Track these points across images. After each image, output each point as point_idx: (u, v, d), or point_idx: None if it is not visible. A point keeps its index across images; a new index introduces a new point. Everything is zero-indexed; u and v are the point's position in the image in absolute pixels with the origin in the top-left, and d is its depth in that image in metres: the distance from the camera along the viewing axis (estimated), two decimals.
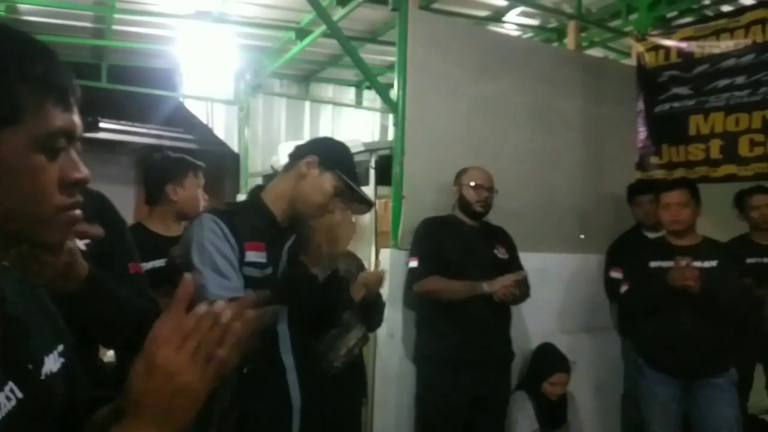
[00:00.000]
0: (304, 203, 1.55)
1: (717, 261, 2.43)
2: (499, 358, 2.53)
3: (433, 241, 2.52)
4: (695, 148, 3.27)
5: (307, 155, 1.55)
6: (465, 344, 2.40)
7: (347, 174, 1.55)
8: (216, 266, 1.38)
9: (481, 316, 2.41)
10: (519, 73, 3.19)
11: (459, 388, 2.40)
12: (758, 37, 3.05)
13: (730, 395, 2.42)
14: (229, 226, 1.42)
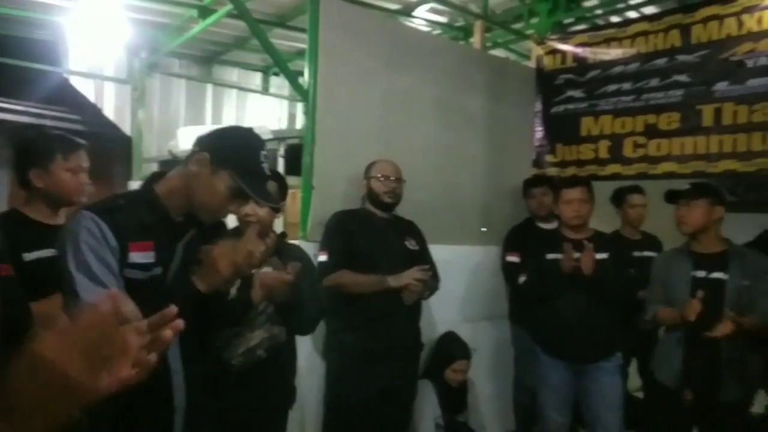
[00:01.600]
0: (198, 205, 1.39)
1: (607, 253, 2.62)
2: (408, 348, 2.57)
3: (343, 235, 2.50)
4: (586, 148, 3.52)
5: (199, 151, 1.38)
6: (375, 336, 2.41)
7: (247, 172, 1.37)
8: (91, 272, 1.23)
9: (391, 307, 2.42)
10: (428, 68, 3.24)
11: (369, 380, 2.41)
12: (642, 47, 3.32)
13: (616, 377, 2.62)
14: (110, 226, 1.26)
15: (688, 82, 3.11)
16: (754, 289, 2.25)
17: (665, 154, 3.17)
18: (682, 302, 2.31)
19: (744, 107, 2.89)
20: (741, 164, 2.90)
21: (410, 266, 2.46)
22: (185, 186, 1.38)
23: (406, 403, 2.63)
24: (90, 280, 1.22)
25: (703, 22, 3.07)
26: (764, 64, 2.85)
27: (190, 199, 1.39)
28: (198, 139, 1.44)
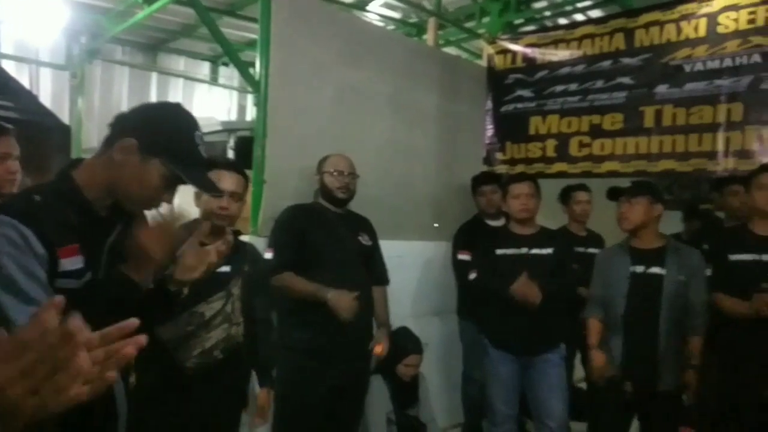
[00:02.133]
0: (127, 197, 1.22)
1: (552, 249, 2.69)
2: (361, 345, 2.56)
3: (293, 231, 2.44)
4: (534, 147, 3.61)
5: (123, 136, 1.18)
6: (328, 333, 2.38)
7: (182, 159, 1.20)
8: (18, 290, 1.03)
9: None
10: (382, 63, 3.23)
11: (322, 378, 2.38)
12: (588, 50, 3.43)
13: (561, 368, 2.70)
14: (34, 231, 1.07)
15: (631, 85, 3.23)
16: (688, 283, 2.37)
17: (609, 154, 3.29)
18: (621, 296, 2.41)
19: (682, 110, 3.03)
20: (679, 164, 3.04)
21: (363, 262, 2.45)
22: (109, 176, 1.20)
23: (358, 399, 2.62)
24: (20, 301, 1.03)
25: (645, 27, 3.20)
26: (700, 69, 2.99)
27: (115, 190, 1.21)
28: (118, 119, 1.24)
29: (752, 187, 2.34)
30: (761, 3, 2.80)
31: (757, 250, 2.31)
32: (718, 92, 2.92)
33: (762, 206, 2.30)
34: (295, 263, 2.38)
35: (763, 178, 2.30)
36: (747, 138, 2.83)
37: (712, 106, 2.94)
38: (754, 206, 2.37)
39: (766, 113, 2.77)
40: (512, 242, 2.71)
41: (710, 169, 2.95)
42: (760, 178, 2.31)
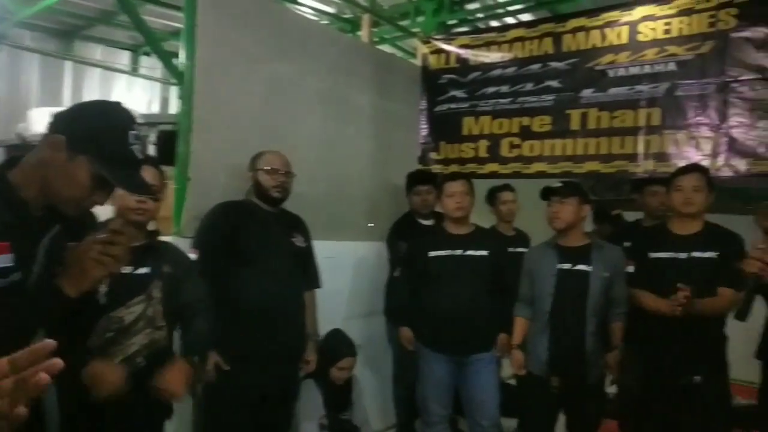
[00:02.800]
0: (56, 197, 1.18)
1: (488, 251, 2.71)
2: (291, 349, 2.47)
3: (220, 230, 2.32)
4: (467, 147, 3.64)
5: (53, 133, 1.15)
6: (257, 337, 2.27)
7: (111, 157, 1.16)
8: None
9: (273, 307, 2.31)
10: (316, 58, 3.15)
11: (251, 384, 2.28)
12: (519, 52, 3.50)
13: (494, 367, 2.74)
14: None
15: (559, 88, 3.32)
16: (612, 279, 2.46)
17: (538, 155, 3.37)
18: (548, 293, 2.47)
19: (606, 113, 3.15)
20: (603, 165, 3.16)
21: (297, 264, 2.36)
22: (41, 175, 1.16)
23: (289, 404, 2.53)
24: None
25: (572, 32, 3.30)
26: (623, 75, 3.12)
27: (47, 189, 1.17)
28: (53, 117, 1.21)
29: (671, 189, 2.45)
30: (676, 15, 2.96)
31: (674, 248, 2.41)
32: (639, 97, 3.05)
33: (678, 207, 2.41)
34: (223, 266, 2.26)
35: (679, 180, 2.41)
36: (664, 141, 2.98)
37: (633, 110, 3.07)
38: (672, 207, 2.48)
39: (681, 118, 2.93)
40: (447, 243, 2.70)
41: (631, 170, 3.08)
42: (677, 181, 2.42)
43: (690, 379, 2.33)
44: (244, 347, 2.28)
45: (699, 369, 2.33)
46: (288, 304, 2.37)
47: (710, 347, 2.35)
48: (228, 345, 2.28)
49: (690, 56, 2.90)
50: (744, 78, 2.73)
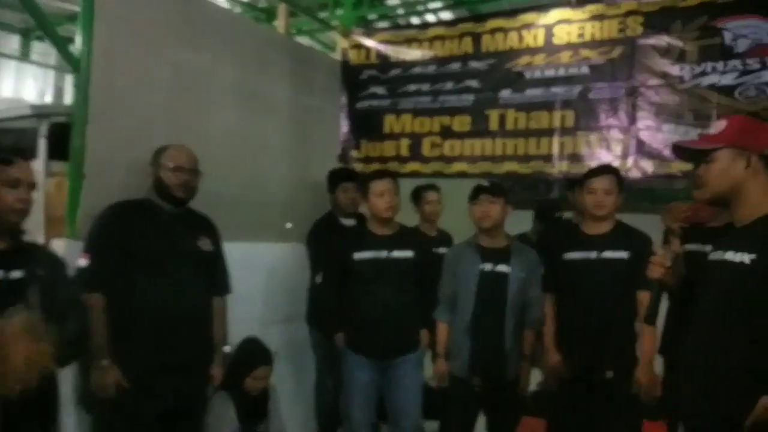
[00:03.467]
0: None
1: (413, 252, 2.66)
2: (197, 359, 2.28)
3: (115, 233, 2.10)
4: (388, 145, 3.58)
5: None
6: (158, 347, 2.08)
7: None
8: None
9: (176, 314, 2.13)
10: (228, 48, 2.96)
11: (151, 399, 2.08)
12: (439, 51, 3.48)
13: (419, 369, 2.71)
14: None
15: (478, 88, 3.34)
16: (528, 280, 2.51)
17: (458, 155, 3.37)
18: (470, 293, 2.48)
19: (523, 114, 3.19)
20: (520, 166, 3.20)
21: (203, 270, 2.20)
22: None
23: (196, 420, 2.34)
24: None
25: (491, 32, 3.32)
26: (539, 77, 3.18)
27: None
28: None
29: (583, 191, 2.51)
30: (588, 20, 3.05)
31: (586, 248, 2.48)
32: (554, 99, 3.12)
33: (591, 209, 2.47)
34: (118, 273, 2.04)
35: (592, 182, 2.46)
36: (578, 143, 3.06)
37: (549, 112, 3.13)
38: (583, 208, 2.55)
39: (594, 120, 3.02)
40: (372, 244, 2.62)
41: (547, 171, 3.15)
42: (589, 183, 2.47)
43: (603, 374, 2.40)
44: (144, 361, 2.08)
45: (611, 366, 2.41)
46: (192, 312, 2.19)
47: (621, 346, 2.44)
48: (127, 359, 2.07)
49: (601, 60, 2.99)
50: (650, 83, 2.86)
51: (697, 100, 2.74)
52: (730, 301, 1.44)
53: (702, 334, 1.50)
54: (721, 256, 1.49)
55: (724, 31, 2.68)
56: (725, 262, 1.46)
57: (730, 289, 1.44)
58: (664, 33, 2.83)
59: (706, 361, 1.47)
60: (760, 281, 1.36)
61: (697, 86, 2.74)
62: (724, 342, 1.43)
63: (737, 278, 1.42)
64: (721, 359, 1.43)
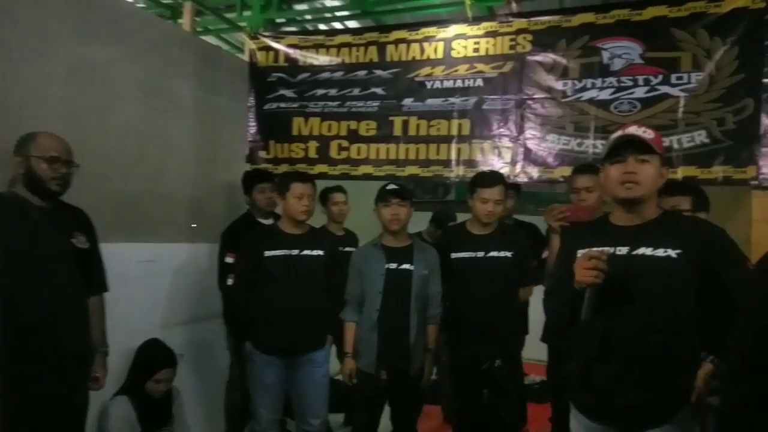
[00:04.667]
0: None
1: (323, 251, 2.74)
2: (70, 364, 2.07)
3: None
4: (297, 147, 3.63)
5: None
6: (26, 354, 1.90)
7: None
8: None
9: (50, 311, 1.96)
10: (130, 43, 2.88)
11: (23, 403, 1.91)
12: (346, 58, 3.59)
13: (326, 366, 2.78)
14: None
15: (383, 95, 3.48)
16: (429, 277, 2.66)
17: (364, 158, 3.49)
18: (377, 292, 2.60)
19: (424, 122, 3.38)
20: (422, 170, 3.39)
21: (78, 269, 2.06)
22: None
23: (76, 426, 2.16)
24: None
25: (395, 43, 3.48)
26: (438, 87, 3.37)
27: None
28: None
29: (474, 197, 2.66)
30: (483, 36, 3.29)
31: (473, 248, 2.68)
32: (452, 109, 3.33)
33: (481, 217, 2.64)
34: None
35: (483, 192, 2.62)
36: (473, 150, 3.29)
37: (447, 120, 3.34)
38: (474, 213, 2.71)
39: (487, 129, 3.26)
40: (283, 243, 2.66)
41: (446, 175, 3.35)
42: (482, 192, 2.62)
43: (493, 363, 2.61)
44: (17, 367, 1.89)
45: (498, 355, 2.62)
46: (66, 313, 2.02)
47: (507, 337, 2.68)
48: None
49: (494, 74, 3.24)
50: (537, 96, 3.14)
51: (578, 112, 3.04)
52: (661, 292, 1.58)
53: (637, 324, 1.60)
54: (639, 251, 1.62)
55: (602, 51, 2.99)
56: (647, 257, 1.61)
57: (661, 281, 1.58)
58: (550, 51, 3.11)
59: (649, 349, 1.58)
60: (686, 271, 1.55)
61: (578, 100, 3.04)
62: (664, 329, 1.57)
63: (667, 271, 1.58)
64: (663, 346, 1.57)
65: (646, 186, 1.63)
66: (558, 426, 2.81)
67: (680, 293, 1.58)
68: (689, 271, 1.56)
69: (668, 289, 1.58)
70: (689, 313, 1.57)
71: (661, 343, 1.58)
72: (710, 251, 1.57)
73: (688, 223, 1.68)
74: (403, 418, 2.74)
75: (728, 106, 2.73)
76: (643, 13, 2.92)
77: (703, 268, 1.55)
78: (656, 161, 1.64)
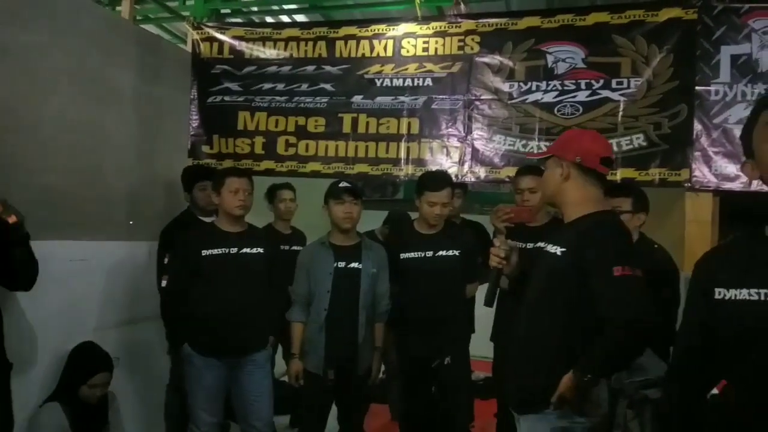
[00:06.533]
0: None
1: (262, 249, 2.66)
2: None
3: None
4: (242, 142, 3.53)
5: None
6: None
7: None
8: None
9: None
10: (64, 29, 2.71)
11: None
12: (294, 52, 3.52)
13: (268, 366, 2.73)
14: None
15: (332, 92, 3.44)
16: (378, 275, 2.65)
17: (313, 155, 3.43)
18: (325, 291, 2.56)
19: (374, 119, 3.36)
20: (371, 168, 3.37)
21: None
22: None
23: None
24: None
25: (344, 39, 3.44)
26: (388, 85, 3.36)
27: None
28: None
29: (422, 200, 2.68)
30: (432, 35, 3.31)
31: (422, 248, 2.70)
32: (402, 107, 3.33)
33: (429, 219, 2.66)
34: None
35: (431, 197, 2.62)
36: (422, 149, 3.30)
37: (397, 119, 3.33)
38: (422, 214, 2.72)
39: (436, 129, 3.28)
40: (222, 241, 2.58)
41: (395, 174, 3.35)
42: (429, 196, 2.63)
43: (442, 360, 2.64)
44: None
45: (447, 353, 2.65)
46: None
47: (456, 336, 2.72)
48: None
49: (443, 74, 3.27)
50: (484, 97, 3.19)
51: (524, 114, 3.10)
52: (544, 287, 1.67)
53: (522, 318, 1.72)
54: (543, 247, 1.73)
55: (547, 55, 3.07)
56: (544, 252, 1.70)
57: (545, 276, 1.67)
58: (497, 53, 3.17)
59: (525, 342, 1.68)
60: (567, 269, 1.60)
61: (524, 102, 3.10)
62: (538, 324, 1.65)
63: (551, 266, 1.66)
64: (535, 339, 1.65)
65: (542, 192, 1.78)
66: (503, 421, 2.87)
67: (559, 289, 1.62)
68: (571, 269, 1.59)
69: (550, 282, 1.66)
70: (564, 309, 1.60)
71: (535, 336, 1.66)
72: (584, 254, 1.57)
73: (581, 226, 1.67)
74: (350, 418, 2.72)
75: (664, 112, 2.86)
76: (586, 19, 3.01)
77: (578, 268, 1.57)
78: (552, 168, 1.72)
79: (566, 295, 1.59)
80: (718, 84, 2.77)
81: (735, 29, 2.75)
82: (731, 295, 1.13)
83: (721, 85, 2.76)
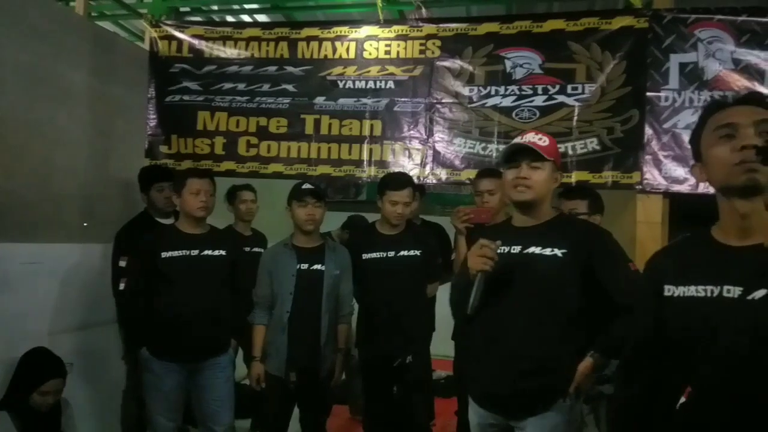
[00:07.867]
0: None
1: (225, 251, 2.64)
2: None
3: None
4: (202, 142, 3.48)
5: None
6: None
7: None
8: None
9: None
10: (12, 23, 2.62)
11: None
12: (255, 52, 3.48)
13: (229, 370, 2.69)
14: None
15: (294, 92, 3.42)
16: (341, 277, 2.65)
17: (274, 156, 3.41)
18: (287, 293, 2.55)
19: (336, 121, 3.36)
20: (334, 169, 3.37)
21: None
22: None
23: None
24: None
25: (306, 40, 3.43)
26: (350, 87, 3.37)
27: None
28: None
29: (383, 199, 2.70)
30: (394, 39, 3.34)
31: (383, 248, 2.73)
32: (364, 109, 3.34)
33: (390, 219, 2.69)
34: None
35: (392, 195, 2.66)
36: (384, 151, 3.32)
37: (359, 121, 3.35)
38: (383, 214, 2.73)
39: (398, 131, 3.31)
40: (182, 243, 2.54)
41: (358, 175, 3.36)
42: (391, 195, 2.66)
43: (404, 359, 2.66)
44: None
45: (409, 351, 2.69)
46: None
47: (417, 335, 2.76)
48: None
49: (405, 77, 3.30)
50: (445, 101, 3.23)
51: (483, 118, 3.17)
52: (546, 288, 1.68)
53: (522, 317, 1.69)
54: (529, 250, 1.71)
55: (506, 60, 3.14)
56: (536, 255, 1.70)
57: (546, 278, 1.68)
58: (458, 57, 3.22)
59: (530, 341, 1.67)
60: (570, 270, 1.66)
61: (483, 106, 3.17)
62: (545, 323, 1.66)
63: (553, 268, 1.67)
64: (542, 338, 1.66)
65: (537, 190, 1.73)
66: (464, 419, 2.91)
67: (562, 290, 1.68)
68: (573, 269, 1.67)
69: (551, 285, 1.69)
70: (570, 309, 1.68)
71: (542, 336, 1.68)
72: (592, 252, 1.69)
73: (576, 226, 1.83)
74: (313, 420, 2.71)
75: (617, 116, 2.96)
76: (543, 26, 3.09)
77: (585, 267, 1.67)
78: (548, 167, 1.75)
79: (570, 292, 1.66)
80: (668, 90, 2.89)
81: (682, 38, 2.88)
82: (679, 292, 1.18)
83: (671, 92, 2.89)
